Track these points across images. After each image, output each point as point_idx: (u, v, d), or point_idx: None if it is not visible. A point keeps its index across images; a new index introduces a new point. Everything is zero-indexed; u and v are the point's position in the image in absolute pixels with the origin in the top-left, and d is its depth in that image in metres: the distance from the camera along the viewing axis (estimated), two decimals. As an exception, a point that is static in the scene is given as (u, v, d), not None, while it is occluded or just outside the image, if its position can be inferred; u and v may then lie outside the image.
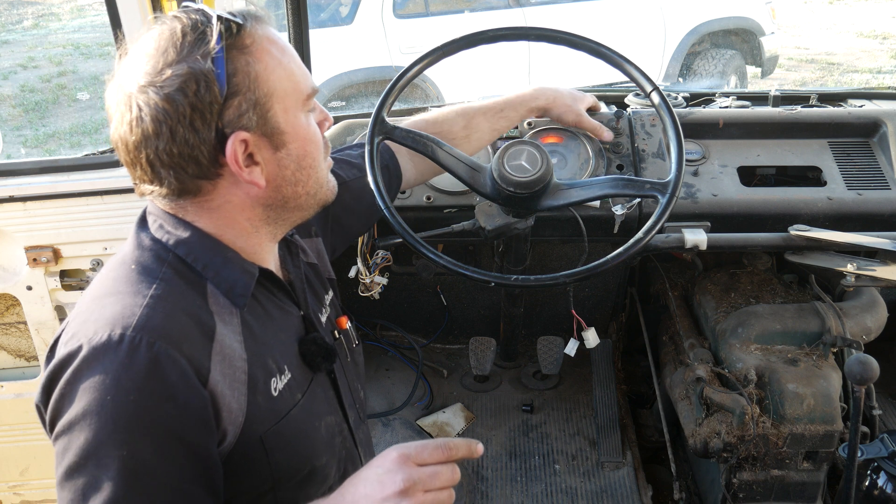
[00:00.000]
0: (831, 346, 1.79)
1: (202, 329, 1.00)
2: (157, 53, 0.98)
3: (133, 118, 0.98)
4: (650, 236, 1.57)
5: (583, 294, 2.47)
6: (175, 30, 0.99)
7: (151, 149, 0.98)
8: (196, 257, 1.05)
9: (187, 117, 0.96)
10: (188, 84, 0.96)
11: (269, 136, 1.03)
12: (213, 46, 0.97)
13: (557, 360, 2.38)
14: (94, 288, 1.05)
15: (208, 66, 0.96)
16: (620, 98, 2.22)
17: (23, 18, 12.39)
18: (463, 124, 1.73)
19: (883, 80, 8.20)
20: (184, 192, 1.03)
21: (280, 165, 1.06)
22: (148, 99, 0.97)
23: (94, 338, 0.95)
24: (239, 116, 0.99)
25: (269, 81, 1.01)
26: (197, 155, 0.99)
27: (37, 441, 2.16)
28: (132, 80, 0.98)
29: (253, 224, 1.10)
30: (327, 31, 5.78)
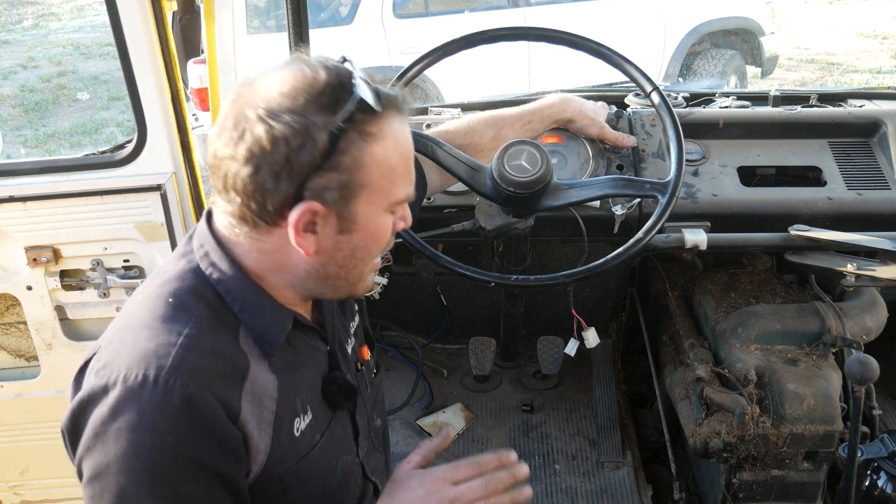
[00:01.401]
0: (831, 346, 1.79)
1: (234, 369, 1.01)
2: (289, 93, 0.96)
3: (234, 134, 0.98)
4: (650, 236, 1.57)
5: (583, 294, 2.47)
6: (317, 81, 0.97)
7: (233, 170, 0.98)
8: (234, 298, 1.05)
9: (277, 165, 0.96)
10: (295, 138, 0.95)
11: (341, 218, 1.02)
12: (337, 121, 0.96)
13: (557, 360, 2.38)
14: (131, 313, 1.04)
15: (321, 135, 0.95)
16: (620, 98, 2.22)
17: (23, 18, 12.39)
18: (492, 136, 1.74)
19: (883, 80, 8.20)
20: (243, 220, 1.02)
21: (335, 247, 1.05)
22: (255, 128, 0.96)
23: (128, 375, 0.95)
24: (323, 189, 0.98)
25: (369, 174, 1.00)
26: (266, 200, 0.98)
27: (37, 441, 2.16)
28: (255, 101, 0.97)
29: (292, 280, 1.09)
30: (327, 31, 5.79)
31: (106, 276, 1.95)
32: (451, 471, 1.12)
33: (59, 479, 2.21)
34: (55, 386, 2.08)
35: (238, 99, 1.00)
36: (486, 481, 1.11)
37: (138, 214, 1.87)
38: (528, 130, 1.80)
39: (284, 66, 1.00)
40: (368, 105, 0.98)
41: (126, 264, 1.95)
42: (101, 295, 1.98)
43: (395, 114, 1.03)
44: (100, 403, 0.96)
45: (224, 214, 1.05)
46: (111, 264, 1.95)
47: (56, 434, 2.20)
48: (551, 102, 1.83)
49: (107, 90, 8.68)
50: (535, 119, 1.80)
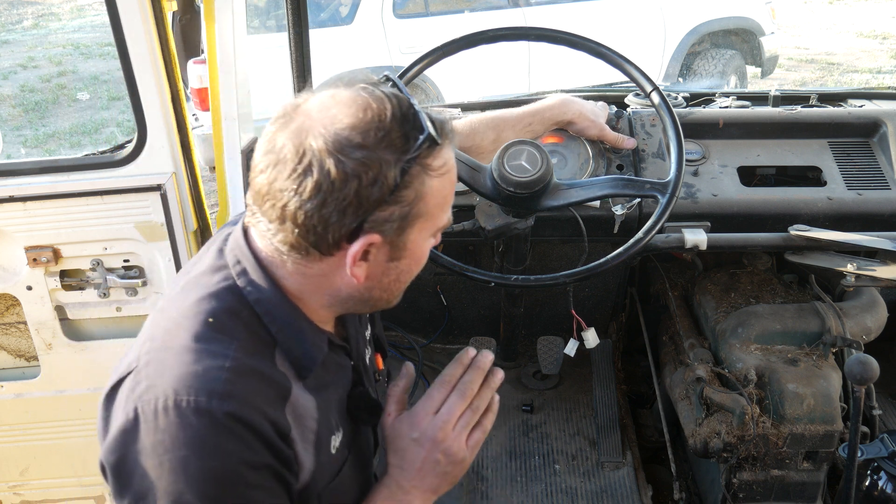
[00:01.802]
0: (831, 346, 1.79)
1: (279, 391, 1.01)
2: (357, 126, 0.95)
3: (299, 167, 0.95)
4: (650, 236, 1.57)
5: (583, 294, 2.47)
6: (384, 114, 0.96)
7: (295, 203, 0.95)
8: (272, 319, 1.04)
9: (346, 200, 0.95)
10: (367, 175, 0.94)
11: (394, 247, 1.02)
12: (407, 157, 0.96)
13: (557, 360, 2.38)
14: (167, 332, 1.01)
15: (392, 172, 0.95)
16: (620, 98, 2.22)
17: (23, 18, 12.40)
18: (493, 137, 1.74)
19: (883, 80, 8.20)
20: (294, 248, 1.01)
21: (384, 272, 1.05)
22: (324, 162, 0.93)
23: (179, 400, 0.93)
24: (384, 222, 0.98)
25: (427, 205, 1.01)
26: (328, 232, 0.97)
27: (37, 441, 2.16)
28: (318, 133, 0.95)
29: (330, 301, 1.08)
30: (327, 31, 5.78)
31: (106, 276, 1.95)
32: (428, 401, 1.13)
33: (59, 479, 2.21)
34: (55, 386, 2.08)
35: (297, 128, 0.96)
36: (460, 392, 1.13)
37: (138, 214, 1.87)
38: (528, 132, 1.80)
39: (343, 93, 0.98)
40: (435, 140, 0.98)
41: (126, 264, 1.95)
42: (101, 295, 1.98)
43: (448, 143, 1.03)
44: (152, 431, 0.93)
45: (270, 238, 1.02)
46: (111, 264, 1.95)
47: (56, 434, 2.21)
48: (552, 104, 1.83)
49: (107, 90, 8.69)
50: (535, 121, 1.81)
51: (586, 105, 1.88)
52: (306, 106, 0.99)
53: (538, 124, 1.81)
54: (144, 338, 1.04)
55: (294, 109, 0.99)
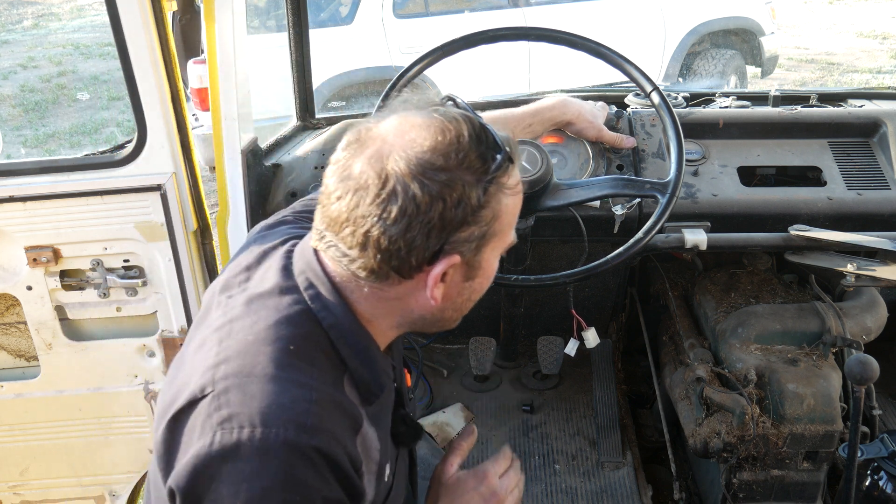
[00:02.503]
0: (831, 346, 1.79)
1: (353, 423, 1.01)
2: (437, 149, 0.96)
3: (383, 193, 0.95)
4: (650, 236, 1.57)
5: (583, 294, 2.47)
6: (461, 136, 0.97)
7: (380, 229, 0.96)
8: (345, 344, 1.04)
9: (431, 223, 0.95)
10: (451, 195, 0.95)
11: (469, 266, 1.03)
12: (488, 176, 0.97)
13: (557, 360, 2.38)
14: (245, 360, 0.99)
15: (475, 193, 0.96)
16: (620, 98, 2.22)
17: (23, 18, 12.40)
18: None
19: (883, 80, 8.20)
20: (373, 273, 1.00)
21: (459, 292, 1.07)
22: (409, 186, 0.94)
23: (267, 433, 0.92)
24: (464, 242, 0.99)
25: (500, 223, 1.02)
26: (412, 256, 0.98)
27: (37, 441, 2.16)
28: (398, 158, 0.95)
29: (401, 322, 1.09)
30: (327, 31, 5.78)
31: (106, 276, 1.95)
32: (496, 466, 1.26)
33: (58, 479, 2.21)
34: (55, 386, 2.08)
35: (375, 154, 0.96)
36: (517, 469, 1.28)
37: (138, 214, 1.87)
38: (528, 133, 1.80)
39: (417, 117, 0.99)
40: (511, 159, 1.00)
41: (126, 264, 1.95)
42: (101, 295, 1.98)
43: (518, 160, 1.04)
44: (235, 461, 0.91)
45: (346, 265, 1.01)
46: (111, 264, 1.95)
47: (56, 434, 2.21)
48: (551, 105, 1.83)
49: (107, 90, 8.69)
50: (535, 122, 1.81)
51: (585, 106, 1.88)
52: (380, 130, 0.99)
53: (538, 125, 1.82)
54: (215, 359, 1.00)
55: (367, 134, 0.99)
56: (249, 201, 1.90)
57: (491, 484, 1.22)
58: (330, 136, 2.09)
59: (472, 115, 1.01)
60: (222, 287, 1.13)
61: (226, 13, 1.78)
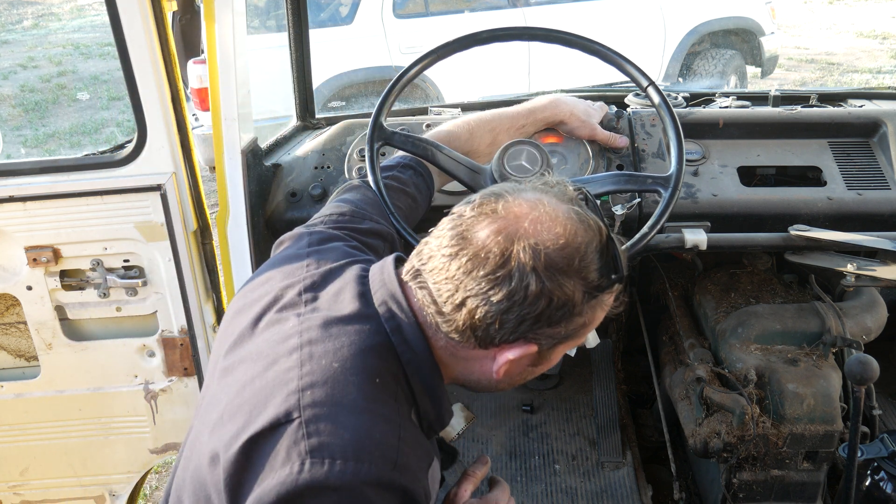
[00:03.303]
0: (831, 346, 1.79)
1: (428, 459, 1.03)
2: (564, 249, 0.97)
3: (499, 273, 0.96)
4: (655, 231, 1.56)
5: (583, 294, 2.46)
6: (590, 246, 0.99)
7: (481, 301, 0.98)
8: (418, 381, 1.05)
9: (530, 314, 0.98)
10: (558, 298, 0.97)
11: (541, 356, 1.06)
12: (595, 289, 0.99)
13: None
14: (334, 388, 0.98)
15: (579, 304, 0.99)
16: (620, 98, 2.22)
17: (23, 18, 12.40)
18: (489, 140, 1.74)
19: (883, 80, 8.20)
20: (455, 332, 1.02)
21: (519, 372, 1.09)
22: (526, 276, 0.96)
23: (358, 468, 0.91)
24: (547, 337, 1.02)
25: (584, 330, 1.05)
26: (497, 335, 1.00)
27: (37, 441, 2.16)
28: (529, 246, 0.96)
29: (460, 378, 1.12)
30: (327, 31, 5.78)
31: (106, 276, 1.95)
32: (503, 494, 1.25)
33: (58, 479, 2.21)
34: (55, 386, 2.08)
35: (505, 231, 0.98)
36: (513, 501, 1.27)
37: (138, 214, 1.87)
38: (520, 133, 1.81)
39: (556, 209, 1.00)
40: (622, 280, 1.02)
41: (126, 264, 1.95)
42: (101, 295, 1.98)
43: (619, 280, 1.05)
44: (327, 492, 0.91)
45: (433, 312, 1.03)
46: (111, 264, 1.95)
47: (56, 434, 2.22)
48: (543, 105, 1.83)
49: (107, 90, 8.69)
50: (528, 123, 1.81)
51: (578, 105, 1.88)
52: (516, 209, 1.00)
53: (531, 126, 1.82)
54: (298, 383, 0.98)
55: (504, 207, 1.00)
56: (249, 201, 1.90)
57: None
58: (330, 136, 2.09)
59: (604, 226, 1.03)
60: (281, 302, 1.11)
61: (226, 13, 1.78)
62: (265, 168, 2.02)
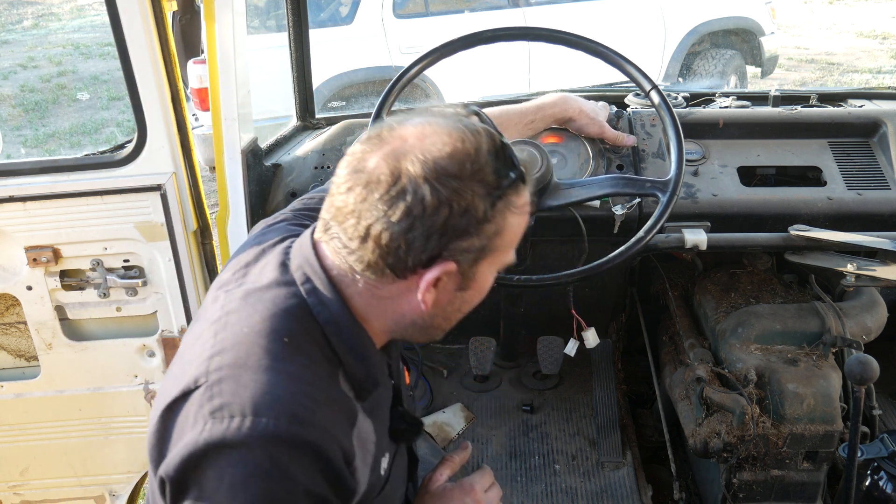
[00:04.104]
0: (831, 346, 1.79)
1: (348, 416, 1.01)
2: (454, 156, 0.97)
3: (392, 190, 0.96)
4: (651, 234, 1.57)
5: (583, 294, 2.47)
6: (480, 148, 0.98)
7: (383, 224, 0.97)
8: (340, 341, 1.04)
9: (434, 227, 0.96)
10: (459, 203, 0.96)
11: (465, 277, 1.04)
12: (499, 192, 0.99)
13: (557, 360, 2.38)
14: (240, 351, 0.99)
15: (482, 205, 0.97)
16: (620, 98, 2.22)
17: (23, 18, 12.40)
18: None
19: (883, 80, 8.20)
20: (370, 268, 1.01)
21: (449, 301, 1.07)
22: (419, 189, 0.95)
23: (257, 423, 0.92)
24: (462, 252, 1.00)
25: (502, 240, 1.03)
26: (409, 256, 0.98)
27: (37, 441, 2.16)
28: (415, 159, 0.96)
29: (392, 326, 1.09)
30: (327, 31, 5.78)
31: (106, 276, 1.95)
32: (483, 479, 1.28)
33: (59, 479, 2.21)
34: (55, 386, 2.08)
35: (392, 152, 0.98)
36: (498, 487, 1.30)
37: (138, 214, 1.87)
38: (530, 130, 1.81)
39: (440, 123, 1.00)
40: (523, 178, 1.01)
41: (126, 264, 1.95)
42: (101, 295, 1.98)
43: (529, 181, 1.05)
44: (224, 448, 0.92)
45: (345, 257, 1.02)
46: (111, 264, 1.95)
47: (56, 434, 2.21)
48: (553, 101, 1.84)
49: (107, 90, 8.69)
50: (537, 119, 1.82)
51: (586, 103, 1.88)
52: (401, 131, 1.00)
53: (539, 122, 1.83)
54: (210, 351, 1.01)
55: (388, 132, 1.00)
56: (249, 201, 1.90)
57: (477, 497, 1.24)
58: (330, 136, 2.09)
59: (494, 132, 1.02)
60: (220, 284, 1.13)
61: (226, 13, 1.78)
62: (265, 168, 2.03)
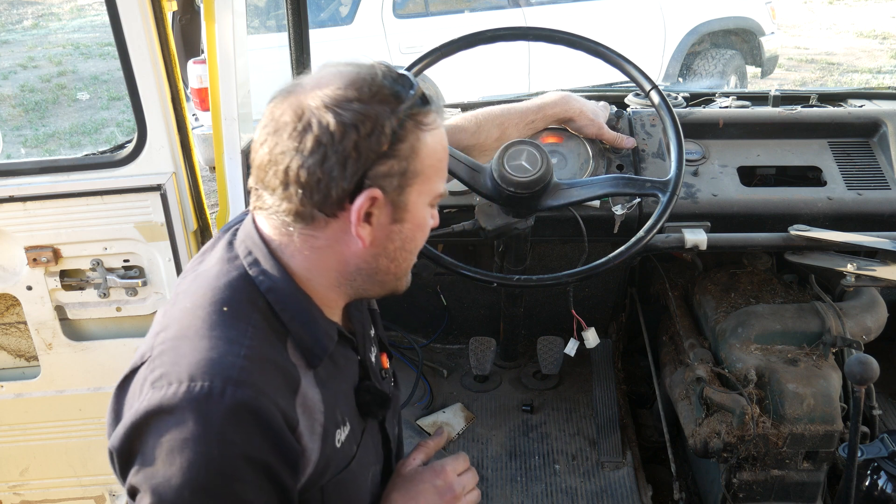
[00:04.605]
0: (831, 346, 1.79)
1: (289, 381, 1.01)
2: (351, 85, 0.99)
3: (298, 126, 0.98)
4: (651, 235, 1.57)
5: (583, 294, 2.47)
6: (376, 75, 1.00)
7: (297, 162, 0.98)
8: (284, 308, 1.05)
9: (346, 152, 0.97)
10: (365, 124, 0.97)
11: (396, 207, 1.04)
12: (403, 107, 1.00)
13: (557, 360, 2.38)
14: (181, 323, 1.01)
15: (389, 122, 0.98)
16: (620, 98, 2.22)
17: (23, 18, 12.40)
18: (497, 135, 1.75)
19: (883, 80, 8.20)
20: (299, 216, 1.02)
21: (389, 237, 1.07)
22: (323, 117, 0.97)
23: (192, 386, 0.93)
24: (384, 176, 1.00)
25: (423, 162, 1.04)
26: (331, 188, 0.99)
27: (37, 441, 2.16)
28: (315, 96, 0.99)
29: (339, 279, 1.09)
30: (327, 31, 5.78)
31: (106, 276, 1.95)
32: (456, 463, 1.27)
33: (59, 479, 2.21)
34: (55, 386, 2.08)
35: (290, 98, 1.00)
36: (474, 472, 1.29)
37: (138, 214, 1.87)
38: (531, 129, 1.82)
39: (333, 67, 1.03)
40: (426, 97, 1.03)
41: (126, 264, 1.95)
42: (101, 295, 1.98)
43: (439, 111, 1.06)
44: (162, 415, 0.93)
45: (276, 215, 1.03)
46: (111, 264, 1.95)
47: (56, 434, 2.21)
48: (554, 101, 1.84)
49: (107, 90, 8.69)
50: (538, 119, 1.82)
51: (587, 104, 1.88)
52: (301, 80, 1.03)
53: (540, 121, 1.83)
54: (157, 329, 1.04)
55: (291, 86, 1.03)
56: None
57: (448, 479, 1.24)
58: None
59: (388, 64, 1.04)
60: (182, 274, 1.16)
61: (226, 13, 1.78)
62: (265, 168, 2.02)
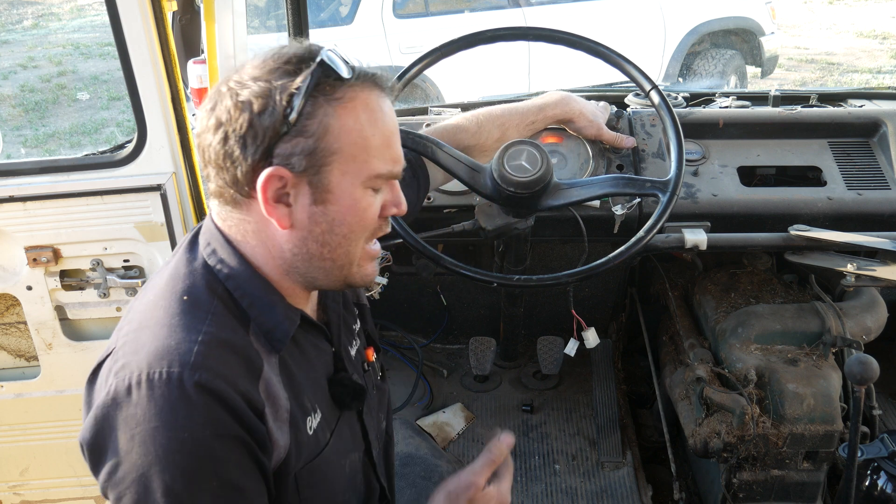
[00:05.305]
0: (831, 346, 1.79)
1: (250, 367, 1.01)
2: (258, 64, 1.01)
3: (207, 108, 1.02)
4: (651, 235, 1.57)
5: (583, 294, 2.47)
6: (283, 53, 1.00)
7: (206, 142, 1.01)
8: (243, 294, 1.05)
9: (241, 130, 0.98)
10: (257, 101, 0.97)
11: (314, 187, 1.01)
12: (298, 82, 0.97)
13: (557, 360, 2.38)
14: (144, 313, 1.03)
15: (282, 97, 0.97)
16: (620, 98, 2.22)
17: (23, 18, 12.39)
18: (497, 136, 1.75)
19: (883, 80, 8.20)
20: (223, 199, 1.04)
21: (312, 220, 1.04)
22: (224, 98, 0.99)
23: (151, 373, 0.94)
24: (289, 155, 0.99)
25: (339, 139, 1.00)
26: (236, 168, 1.00)
27: (37, 441, 2.16)
28: (230, 79, 1.01)
29: (284, 266, 1.08)
30: (327, 31, 5.78)
31: (106, 276, 1.95)
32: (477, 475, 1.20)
33: (59, 479, 2.21)
34: (55, 386, 2.08)
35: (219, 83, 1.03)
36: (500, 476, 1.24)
37: (138, 214, 1.87)
38: (530, 129, 1.81)
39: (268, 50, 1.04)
40: (332, 70, 1.00)
41: (126, 264, 1.95)
42: (101, 295, 1.98)
43: (370, 86, 1.04)
44: (126, 405, 0.94)
45: (213, 202, 1.07)
46: (111, 264, 1.95)
47: (56, 434, 2.21)
48: (554, 101, 1.84)
49: (107, 90, 8.68)
50: (538, 119, 1.82)
51: (587, 105, 1.88)
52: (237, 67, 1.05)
53: (540, 122, 1.83)
54: (123, 322, 1.06)
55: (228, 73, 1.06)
56: (249, 201, 1.90)
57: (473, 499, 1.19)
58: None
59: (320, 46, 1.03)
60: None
61: (226, 13, 1.78)
62: (265, 168, 2.02)
